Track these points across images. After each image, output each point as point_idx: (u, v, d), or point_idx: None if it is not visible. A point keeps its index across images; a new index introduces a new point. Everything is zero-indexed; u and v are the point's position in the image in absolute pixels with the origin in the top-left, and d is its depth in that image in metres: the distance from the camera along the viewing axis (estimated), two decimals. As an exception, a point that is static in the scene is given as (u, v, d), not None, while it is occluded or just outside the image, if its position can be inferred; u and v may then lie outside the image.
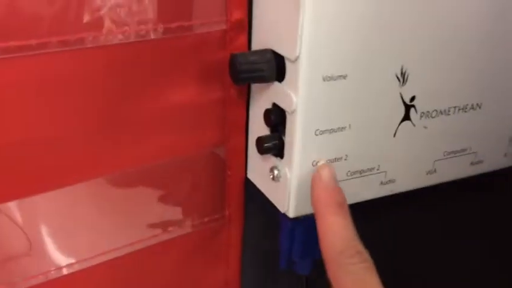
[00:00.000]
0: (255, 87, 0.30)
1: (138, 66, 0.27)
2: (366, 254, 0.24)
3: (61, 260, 0.29)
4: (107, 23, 0.25)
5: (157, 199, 0.31)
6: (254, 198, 0.33)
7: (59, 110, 0.25)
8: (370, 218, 0.34)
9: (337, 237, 0.25)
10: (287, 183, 0.28)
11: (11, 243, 0.27)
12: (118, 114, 0.27)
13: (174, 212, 0.32)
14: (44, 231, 0.28)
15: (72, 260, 0.29)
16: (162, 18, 0.26)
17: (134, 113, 0.28)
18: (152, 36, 0.26)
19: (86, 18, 0.24)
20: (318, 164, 0.28)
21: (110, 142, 0.28)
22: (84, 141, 0.27)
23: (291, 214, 0.29)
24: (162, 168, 0.30)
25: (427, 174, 0.32)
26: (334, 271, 0.24)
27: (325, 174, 0.27)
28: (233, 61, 0.27)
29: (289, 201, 0.29)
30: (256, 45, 0.29)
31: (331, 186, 0.27)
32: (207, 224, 0.34)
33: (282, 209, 0.29)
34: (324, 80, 0.26)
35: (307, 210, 0.29)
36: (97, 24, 0.25)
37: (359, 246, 0.24)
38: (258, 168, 0.31)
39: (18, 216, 0.27)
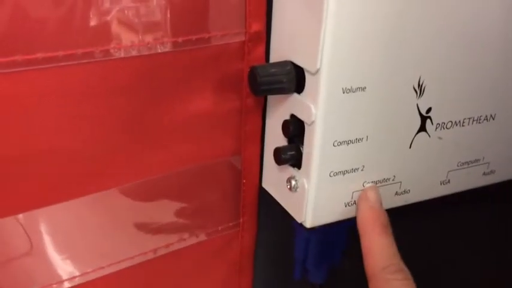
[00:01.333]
0: (272, 98, 0.30)
1: (158, 77, 0.27)
2: (407, 272, 0.26)
3: (76, 269, 0.29)
4: (128, 35, 0.25)
5: (173, 208, 0.32)
6: (268, 207, 0.33)
7: (80, 121, 0.26)
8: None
9: (381, 254, 0.27)
10: (305, 194, 0.28)
11: (26, 252, 0.27)
12: (138, 125, 0.27)
13: (190, 221, 0.33)
14: (61, 241, 0.28)
15: (88, 269, 0.30)
16: (183, 30, 0.26)
17: (154, 124, 0.28)
18: (172, 49, 0.26)
19: (108, 31, 0.24)
20: (366, 185, 0.29)
21: (130, 152, 0.28)
22: (104, 152, 0.27)
23: (308, 224, 0.29)
24: (178, 177, 0.31)
25: (441, 184, 0.33)
26: (376, 286, 0.26)
27: (372, 195, 0.29)
28: (253, 73, 0.27)
29: (306, 212, 0.29)
30: (274, 57, 0.29)
31: (377, 207, 0.29)
32: (221, 232, 0.34)
33: (299, 219, 0.29)
34: (343, 92, 0.26)
35: (323, 220, 0.29)
36: (118, 36, 0.25)
37: (401, 264, 0.26)
38: (274, 178, 0.31)
39: (35, 226, 0.27)
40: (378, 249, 0.27)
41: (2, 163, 0.24)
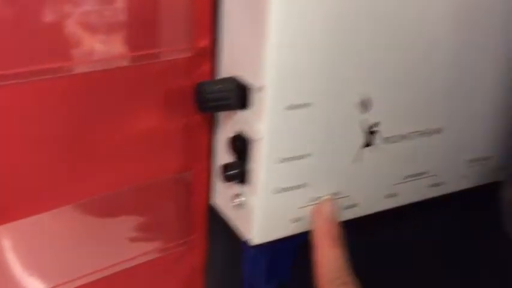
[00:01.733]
0: (219, 115, 0.30)
1: (105, 95, 0.27)
2: (354, 285, 0.27)
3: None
4: (74, 52, 0.25)
5: (122, 226, 0.31)
6: (218, 224, 0.33)
7: (21, 139, 0.25)
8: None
9: (329, 267, 0.28)
10: (250, 211, 0.28)
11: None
12: (82, 142, 0.27)
13: (141, 238, 0.32)
14: (10, 259, 0.27)
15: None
16: (129, 46, 0.26)
17: (99, 141, 0.27)
18: (119, 64, 0.26)
19: (48, 48, 0.24)
20: (322, 198, 0.30)
21: (74, 170, 0.27)
22: (46, 170, 0.26)
23: (255, 241, 0.29)
24: (127, 195, 0.30)
25: (388, 197, 0.33)
26: None
27: (325, 208, 0.30)
28: (199, 90, 0.27)
29: (252, 228, 0.29)
30: (222, 73, 0.29)
31: (329, 220, 0.29)
32: (171, 250, 0.33)
33: (245, 236, 0.29)
34: (288, 108, 0.26)
35: (270, 237, 0.29)
36: (61, 53, 0.24)
37: (348, 277, 0.27)
38: (222, 195, 0.31)
39: None
40: (327, 261, 0.28)
41: None
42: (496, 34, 0.32)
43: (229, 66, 0.28)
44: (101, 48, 0.25)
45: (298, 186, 0.29)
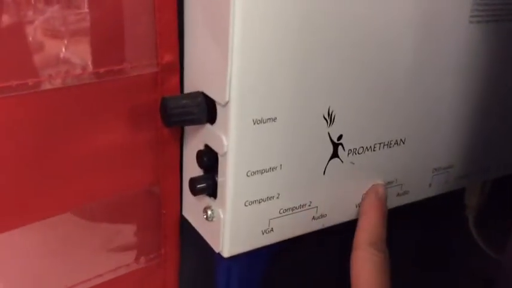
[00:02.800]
0: (187, 128, 0.30)
1: (71, 110, 0.27)
2: (387, 254, 0.31)
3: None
4: (40, 69, 0.25)
5: (92, 241, 0.31)
6: (191, 237, 0.33)
7: None
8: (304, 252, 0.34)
9: (373, 233, 0.31)
10: (221, 223, 0.29)
11: None
12: (49, 158, 0.27)
13: (110, 254, 0.32)
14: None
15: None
16: (93, 62, 0.26)
17: (66, 156, 0.27)
18: (83, 81, 0.26)
19: (11, 64, 0.24)
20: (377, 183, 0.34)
21: (42, 186, 0.27)
22: (12, 187, 0.26)
23: (226, 254, 0.29)
24: (96, 209, 0.30)
25: (356, 207, 0.34)
26: (358, 255, 0.30)
27: (381, 191, 0.34)
28: (164, 105, 0.27)
29: (223, 241, 0.29)
30: (188, 88, 0.29)
31: (384, 200, 0.33)
32: (143, 263, 0.33)
33: (216, 249, 0.29)
34: (254, 123, 0.27)
35: (240, 249, 0.30)
36: (25, 70, 0.24)
37: (385, 246, 0.31)
38: (193, 208, 0.31)
39: None
40: (373, 228, 0.31)
41: None
42: (458, 43, 0.33)
43: (194, 81, 0.29)
44: (65, 65, 0.26)
45: (268, 198, 0.29)
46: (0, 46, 0.23)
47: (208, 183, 0.29)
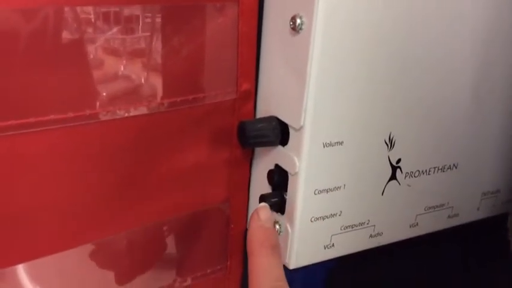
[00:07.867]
0: (258, 149, 0.33)
1: (154, 136, 0.29)
2: None
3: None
4: (123, 98, 0.27)
5: (164, 253, 0.34)
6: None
7: (77, 178, 0.27)
8: (359, 268, 0.37)
9: (266, 276, 0.27)
10: (288, 237, 0.31)
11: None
12: (131, 179, 0.29)
13: (180, 265, 0.35)
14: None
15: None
16: (180, 91, 0.29)
17: (147, 177, 0.30)
18: (169, 108, 0.29)
19: (102, 95, 0.26)
20: (259, 205, 0.30)
21: (123, 205, 0.30)
22: (97, 206, 0.29)
23: (291, 265, 0.32)
24: (170, 224, 0.33)
25: (410, 227, 0.36)
26: None
27: (263, 215, 0.29)
28: (242, 128, 0.30)
29: (289, 254, 0.31)
30: (260, 112, 0.32)
31: (267, 227, 0.29)
32: (209, 276, 0.36)
33: (282, 261, 0.32)
34: (324, 146, 0.29)
35: (305, 262, 0.32)
36: (112, 99, 0.27)
37: (286, 286, 0.27)
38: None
39: (27, 279, 0.28)
40: (264, 270, 0.27)
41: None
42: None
43: (268, 106, 0.32)
44: (153, 95, 0.28)
45: (332, 216, 0.31)
46: (75, 76, 0.25)
47: (277, 200, 0.31)
